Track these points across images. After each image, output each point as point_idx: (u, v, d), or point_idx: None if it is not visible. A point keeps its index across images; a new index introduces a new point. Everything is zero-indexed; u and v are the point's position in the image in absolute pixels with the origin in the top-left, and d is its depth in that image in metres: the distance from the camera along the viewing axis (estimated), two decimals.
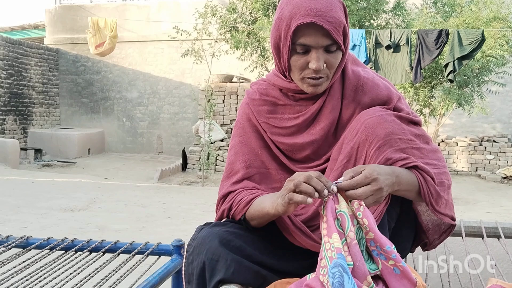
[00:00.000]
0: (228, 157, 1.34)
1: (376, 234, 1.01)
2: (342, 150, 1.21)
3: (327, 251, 0.99)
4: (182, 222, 5.17)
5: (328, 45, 1.14)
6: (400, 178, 1.10)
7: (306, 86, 1.21)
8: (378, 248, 1.02)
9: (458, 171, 10.82)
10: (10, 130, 11.95)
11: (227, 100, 11.08)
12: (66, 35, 13.67)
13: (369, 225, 1.01)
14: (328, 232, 1.00)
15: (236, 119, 1.37)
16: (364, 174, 1.03)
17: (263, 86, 1.33)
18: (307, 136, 1.26)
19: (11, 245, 1.43)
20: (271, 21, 8.58)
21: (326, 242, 1.00)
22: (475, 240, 1.74)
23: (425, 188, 1.14)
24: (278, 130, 1.29)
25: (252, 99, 1.33)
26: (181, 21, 10.26)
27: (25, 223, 4.63)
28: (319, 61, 1.14)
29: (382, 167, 1.09)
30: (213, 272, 1.11)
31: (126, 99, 13.55)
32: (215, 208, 1.32)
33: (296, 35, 1.14)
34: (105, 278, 1.23)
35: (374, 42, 7.48)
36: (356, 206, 1.02)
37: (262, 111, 1.31)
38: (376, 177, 1.03)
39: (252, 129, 1.32)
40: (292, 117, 1.28)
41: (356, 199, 1.02)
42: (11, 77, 11.99)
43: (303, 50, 1.16)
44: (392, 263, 1.01)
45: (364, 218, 1.01)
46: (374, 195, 1.04)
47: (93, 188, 7.23)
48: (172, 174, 10.24)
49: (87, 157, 12.42)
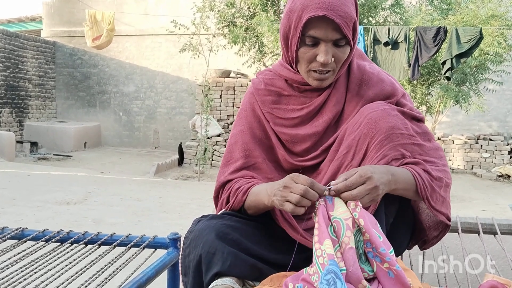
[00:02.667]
0: (228, 145, 1.35)
1: (371, 235, 1.00)
2: (343, 142, 1.21)
3: (318, 258, 0.98)
4: (178, 217, 5.16)
5: (337, 39, 1.14)
6: (396, 176, 1.10)
7: (312, 79, 1.21)
8: (373, 250, 1.01)
9: (454, 169, 10.85)
10: (6, 123, 11.90)
11: (224, 95, 11.05)
12: (63, 28, 13.60)
13: (365, 226, 1.00)
14: (320, 239, 0.99)
15: (240, 108, 1.38)
16: (358, 173, 1.03)
17: (269, 76, 1.34)
18: (310, 128, 1.26)
19: (6, 237, 1.42)
20: (269, 17, 8.57)
21: (317, 249, 0.99)
22: (470, 237, 1.75)
23: (420, 181, 1.14)
24: (282, 121, 1.29)
25: (257, 89, 1.34)
26: (179, 15, 10.20)
27: (20, 216, 4.61)
28: (327, 55, 1.14)
29: (376, 166, 1.09)
30: (210, 265, 1.11)
31: (123, 93, 13.51)
32: (213, 196, 1.34)
33: (306, 27, 1.14)
34: (100, 270, 1.22)
35: (372, 38, 7.47)
36: (353, 207, 1.02)
37: (266, 101, 1.31)
38: (371, 176, 1.03)
39: (254, 119, 1.32)
40: (296, 108, 1.28)
41: (352, 199, 1.02)
42: (7, 69, 11.93)
43: (312, 43, 1.16)
44: (387, 266, 1.00)
45: (360, 219, 1.01)
46: (370, 194, 1.03)
47: (89, 182, 7.21)
48: (169, 169, 10.23)
49: (83, 151, 12.38)
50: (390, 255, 1.00)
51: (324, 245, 0.97)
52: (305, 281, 1.03)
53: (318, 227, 1.00)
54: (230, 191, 1.26)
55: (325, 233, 0.98)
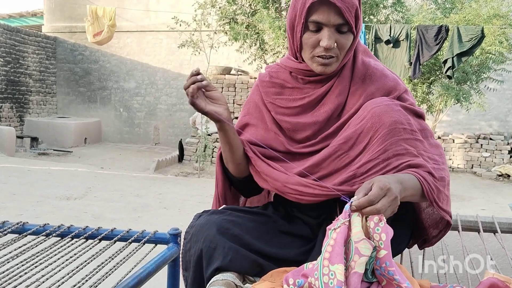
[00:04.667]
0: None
1: (388, 253, 0.97)
2: (343, 133, 1.21)
3: (324, 276, 0.96)
4: (178, 213, 5.17)
5: (340, 25, 1.17)
6: (404, 184, 1.08)
7: (316, 65, 1.22)
8: (382, 269, 0.98)
9: (454, 168, 10.84)
10: (6, 118, 11.89)
11: (225, 92, 11.03)
12: (64, 24, 13.58)
13: (385, 242, 0.97)
14: (331, 258, 0.96)
15: (246, 100, 1.42)
16: (378, 186, 0.99)
17: (275, 69, 1.37)
18: (311, 116, 1.27)
19: (7, 231, 1.42)
20: (271, 14, 8.56)
21: (325, 266, 0.96)
22: (470, 235, 1.74)
23: (426, 186, 1.13)
24: (283, 110, 1.31)
25: (262, 81, 1.37)
26: (180, 12, 10.19)
27: (20, 211, 4.62)
28: (330, 39, 1.17)
29: (388, 176, 1.07)
30: (210, 260, 1.11)
31: (123, 89, 13.50)
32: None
33: (310, 13, 1.18)
34: (101, 265, 1.22)
35: (374, 36, 7.46)
36: (376, 221, 0.97)
37: (270, 93, 1.34)
38: (390, 187, 1.00)
39: (257, 109, 1.36)
40: (298, 97, 1.30)
41: (376, 213, 0.98)
42: (8, 64, 11.92)
43: (315, 28, 1.19)
44: (396, 283, 0.97)
45: (382, 233, 0.97)
46: (391, 206, 1.00)
47: (89, 177, 7.21)
48: (169, 165, 10.23)
49: (83, 147, 12.38)
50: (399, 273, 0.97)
51: (334, 267, 0.95)
52: (306, 277, 1.03)
53: (333, 245, 0.97)
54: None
55: (340, 256, 0.95)
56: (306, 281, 1.02)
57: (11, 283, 1.09)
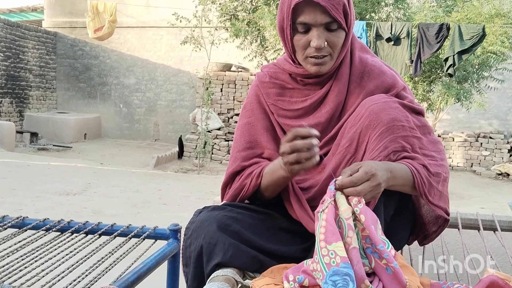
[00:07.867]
0: (235, 137, 1.39)
1: (371, 232, 1.00)
2: (344, 135, 1.21)
3: (324, 257, 0.97)
4: (178, 209, 5.17)
5: (328, 23, 1.16)
6: (394, 173, 1.10)
7: (310, 66, 1.22)
8: (372, 246, 1.01)
9: (453, 167, 10.84)
10: (6, 113, 11.88)
11: (225, 89, 11.03)
12: (64, 19, 13.55)
13: (365, 223, 1.00)
14: (327, 238, 0.98)
15: (245, 101, 1.40)
16: (363, 170, 1.03)
17: (273, 70, 1.36)
18: (313, 118, 1.27)
19: (7, 225, 1.42)
20: (272, 10, 8.53)
21: (322, 247, 0.98)
22: (470, 233, 1.74)
23: (417, 177, 1.15)
24: (285, 113, 1.31)
25: (262, 82, 1.36)
26: (181, 8, 10.16)
27: (20, 206, 4.62)
28: (319, 39, 1.16)
29: (378, 163, 1.09)
30: (211, 256, 1.11)
31: (123, 85, 13.48)
32: (221, 187, 1.36)
33: (296, 14, 1.17)
34: (101, 260, 1.22)
35: (375, 34, 7.44)
36: (355, 202, 1.02)
37: (271, 93, 1.33)
38: (375, 173, 1.04)
39: (260, 111, 1.34)
40: (299, 100, 1.29)
41: (356, 195, 1.02)
42: (8, 59, 11.89)
43: (304, 29, 1.18)
44: (385, 262, 1.00)
45: (361, 215, 1.00)
46: (372, 191, 1.04)
47: (88, 173, 7.21)
48: (168, 162, 10.22)
49: (83, 142, 12.37)
50: (388, 252, 1.00)
51: (332, 246, 0.96)
52: (306, 273, 1.03)
53: (326, 226, 0.99)
54: (242, 177, 1.29)
55: (336, 234, 0.97)
56: (306, 277, 1.02)
57: (11, 277, 1.09)
